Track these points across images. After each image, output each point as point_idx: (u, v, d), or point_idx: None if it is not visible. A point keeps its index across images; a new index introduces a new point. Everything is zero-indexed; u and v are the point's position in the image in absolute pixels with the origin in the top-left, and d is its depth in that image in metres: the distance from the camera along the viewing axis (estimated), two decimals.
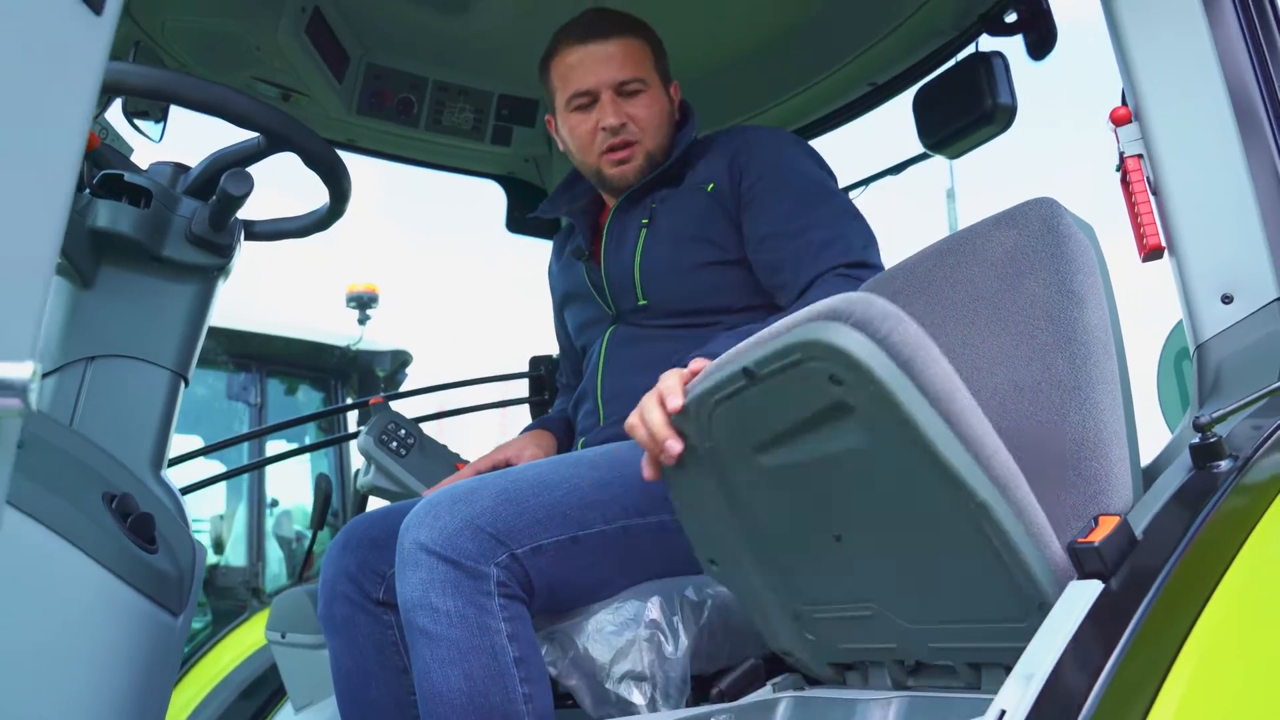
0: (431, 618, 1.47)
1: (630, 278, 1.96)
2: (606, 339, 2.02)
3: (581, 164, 2.06)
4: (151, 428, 1.54)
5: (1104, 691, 0.92)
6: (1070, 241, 1.27)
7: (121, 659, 1.34)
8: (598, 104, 1.96)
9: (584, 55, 1.97)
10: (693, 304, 1.92)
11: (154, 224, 1.50)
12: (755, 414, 1.22)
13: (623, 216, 2.03)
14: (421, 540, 1.50)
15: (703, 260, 1.91)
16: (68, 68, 0.78)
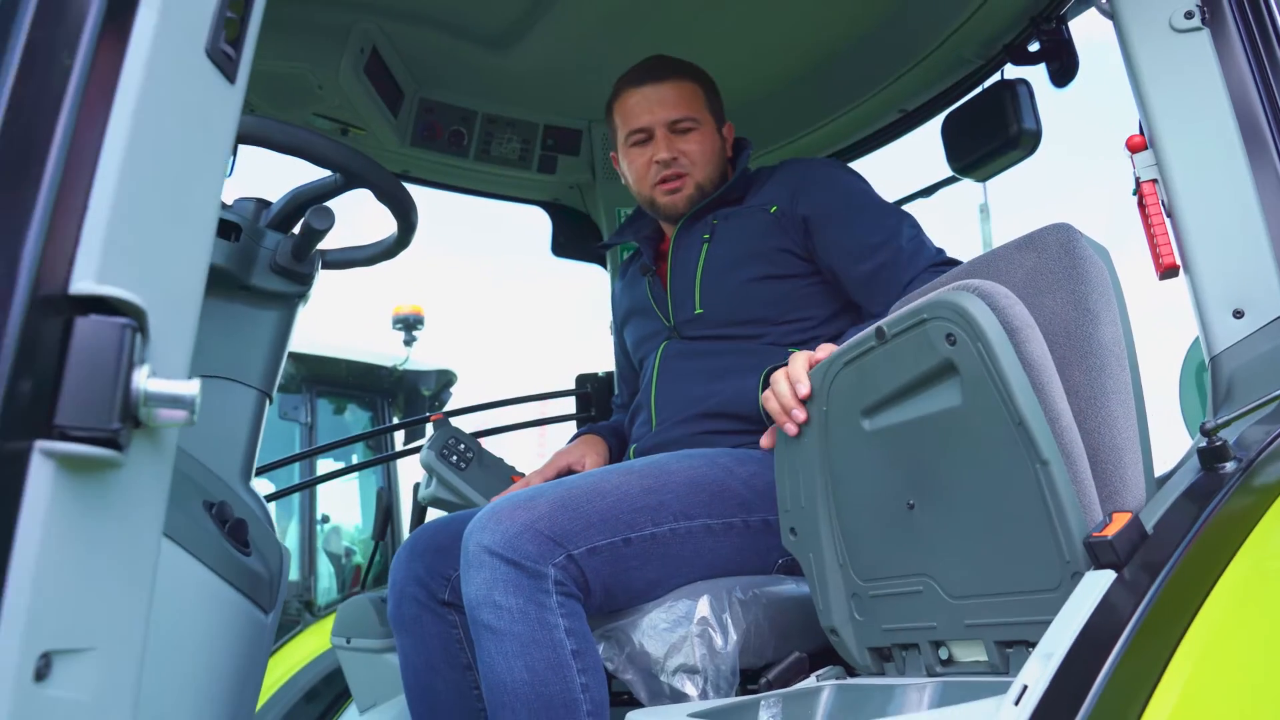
0: (495, 614, 1.58)
1: (692, 286, 2.12)
2: (661, 352, 2.16)
3: (638, 194, 2.24)
4: (241, 442, 1.67)
5: (1114, 669, 1.03)
6: (1086, 263, 1.38)
7: (224, 651, 1.47)
8: (652, 140, 2.17)
9: (641, 97, 2.18)
10: (743, 314, 2.07)
11: (242, 256, 1.64)
12: (873, 375, 1.43)
13: (685, 235, 2.20)
14: (485, 543, 1.61)
15: (757, 275, 2.07)
16: (209, 128, 0.92)
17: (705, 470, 1.81)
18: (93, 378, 0.75)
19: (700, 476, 1.79)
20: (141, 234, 0.81)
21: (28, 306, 0.72)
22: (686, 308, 2.13)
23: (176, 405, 0.79)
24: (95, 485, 0.76)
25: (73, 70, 0.78)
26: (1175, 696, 1.04)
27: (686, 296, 2.14)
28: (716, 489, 1.80)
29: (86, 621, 0.76)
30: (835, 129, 2.91)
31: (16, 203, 0.73)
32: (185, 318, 0.87)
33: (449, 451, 2.35)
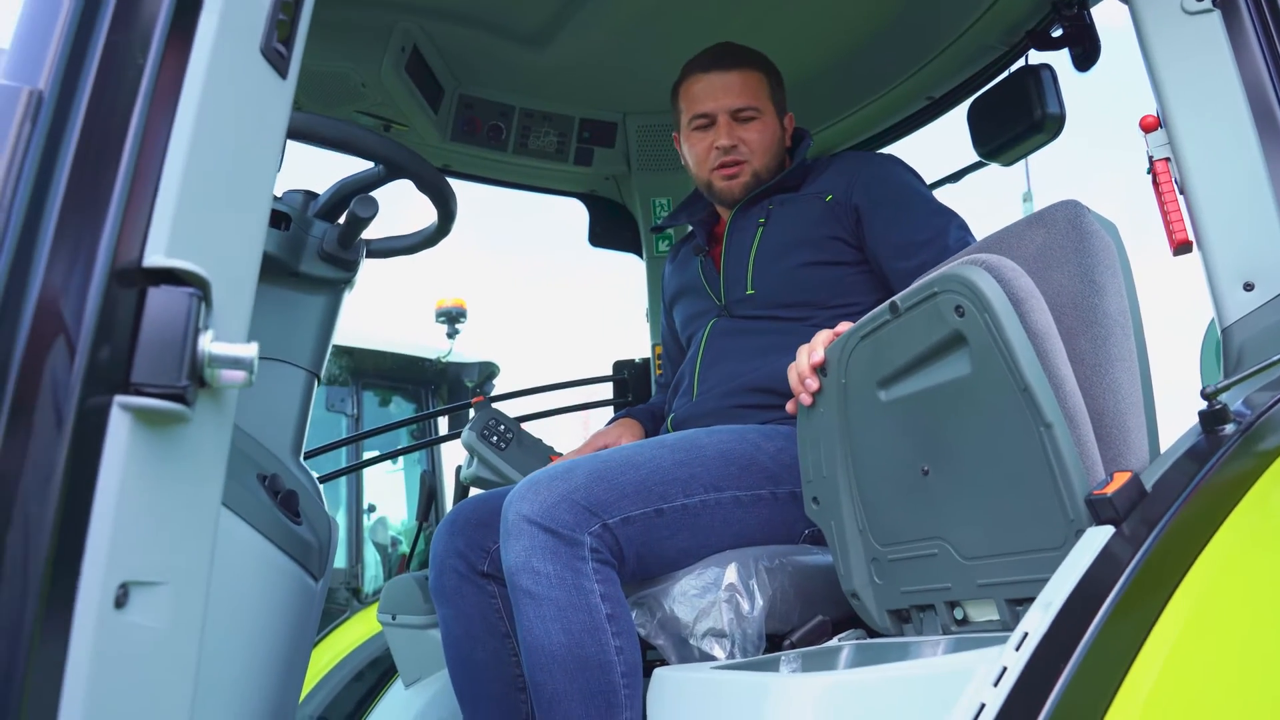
0: (534, 580, 1.66)
1: (745, 267, 2.19)
2: (709, 329, 2.23)
3: (697, 176, 2.32)
4: (292, 419, 1.77)
5: (1108, 617, 1.09)
6: (1093, 238, 1.44)
7: (277, 614, 1.57)
8: (715, 126, 2.23)
9: (707, 83, 2.25)
10: (792, 297, 2.14)
11: (292, 244, 1.73)
12: (887, 348, 1.50)
13: (741, 219, 2.27)
14: (524, 512, 1.69)
15: (808, 260, 2.14)
16: (264, 119, 1.01)
17: (735, 445, 1.88)
18: (164, 341, 0.84)
19: (730, 450, 1.87)
20: (205, 214, 0.90)
21: (107, 278, 0.81)
22: (739, 288, 2.20)
23: (237, 366, 0.88)
24: (166, 437, 0.86)
25: (145, 69, 0.87)
26: (1168, 645, 1.11)
27: (739, 277, 2.20)
28: (746, 462, 1.87)
29: (159, 558, 0.86)
30: (864, 117, 2.96)
31: (98, 187, 0.83)
32: (244, 288, 0.96)
33: (489, 432, 2.44)
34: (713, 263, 2.29)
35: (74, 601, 0.76)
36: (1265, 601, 1.17)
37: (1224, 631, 1.15)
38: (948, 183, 2.96)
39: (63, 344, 0.79)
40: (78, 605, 0.76)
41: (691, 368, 2.23)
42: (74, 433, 0.78)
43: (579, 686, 1.63)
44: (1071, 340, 1.40)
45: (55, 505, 0.75)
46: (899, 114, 2.93)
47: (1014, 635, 1.12)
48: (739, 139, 2.22)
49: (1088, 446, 1.28)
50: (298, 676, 1.66)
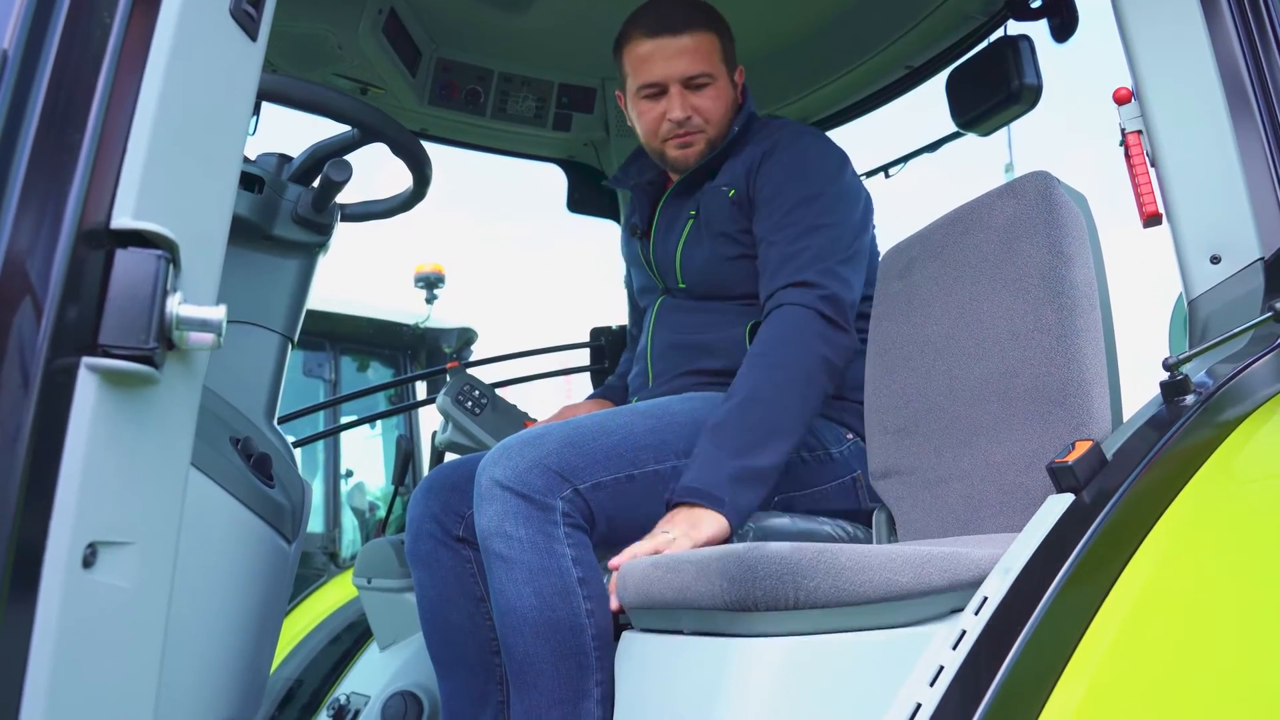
0: (506, 544, 1.67)
1: (673, 263, 2.18)
2: (657, 307, 2.24)
3: (647, 145, 2.21)
4: (265, 383, 1.78)
5: (1065, 581, 1.12)
6: (1062, 209, 1.45)
7: (249, 576, 1.58)
8: (666, 95, 2.10)
9: (655, 48, 2.08)
10: (723, 291, 2.13)
11: (265, 207, 1.73)
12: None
13: (674, 205, 2.21)
14: (497, 477, 1.70)
15: (732, 254, 2.10)
16: (233, 81, 1.00)
17: (704, 410, 1.88)
18: (131, 302, 0.84)
19: (700, 415, 1.87)
20: (173, 176, 0.90)
21: (74, 240, 0.82)
22: (671, 279, 2.21)
23: (205, 328, 0.88)
24: (134, 398, 0.86)
25: (112, 29, 0.87)
26: (1124, 610, 1.13)
27: (669, 270, 2.20)
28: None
29: (127, 518, 0.86)
30: (842, 86, 2.95)
31: (64, 149, 0.83)
32: (213, 251, 0.96)
33: (464, 398, 2.45)
34: (648, 247, 2.27)
35: (42, 561, 0.77)
36: (1219, 568, 1.20)
37: (1179, 597, 1.17)
38: (925, 152, 2.97)
39: (29, 305, 0.79)
40: (45, 565, 0.77)
41: (645, 347, 2.24)
42: (41, 394, 0.78)
43: (550, 648, 1.64)
44: (1038, 310, 1.42)
45: (22, 466, 0.76)
46: (877, 83, 2.92)
47: (974, 599, 1.15)
48: (693, 108, 2.09)
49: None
50: (270, 638, 1.67)
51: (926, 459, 1.59)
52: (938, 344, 1.59)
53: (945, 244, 1.61)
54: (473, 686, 2.01)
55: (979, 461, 1.49)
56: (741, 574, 1.11)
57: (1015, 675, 1.08)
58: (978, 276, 1.53)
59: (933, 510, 1.57)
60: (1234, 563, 1.24)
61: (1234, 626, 1.18)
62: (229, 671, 1.55)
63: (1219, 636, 1.17)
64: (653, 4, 2.15)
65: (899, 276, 1.72)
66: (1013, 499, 1.44)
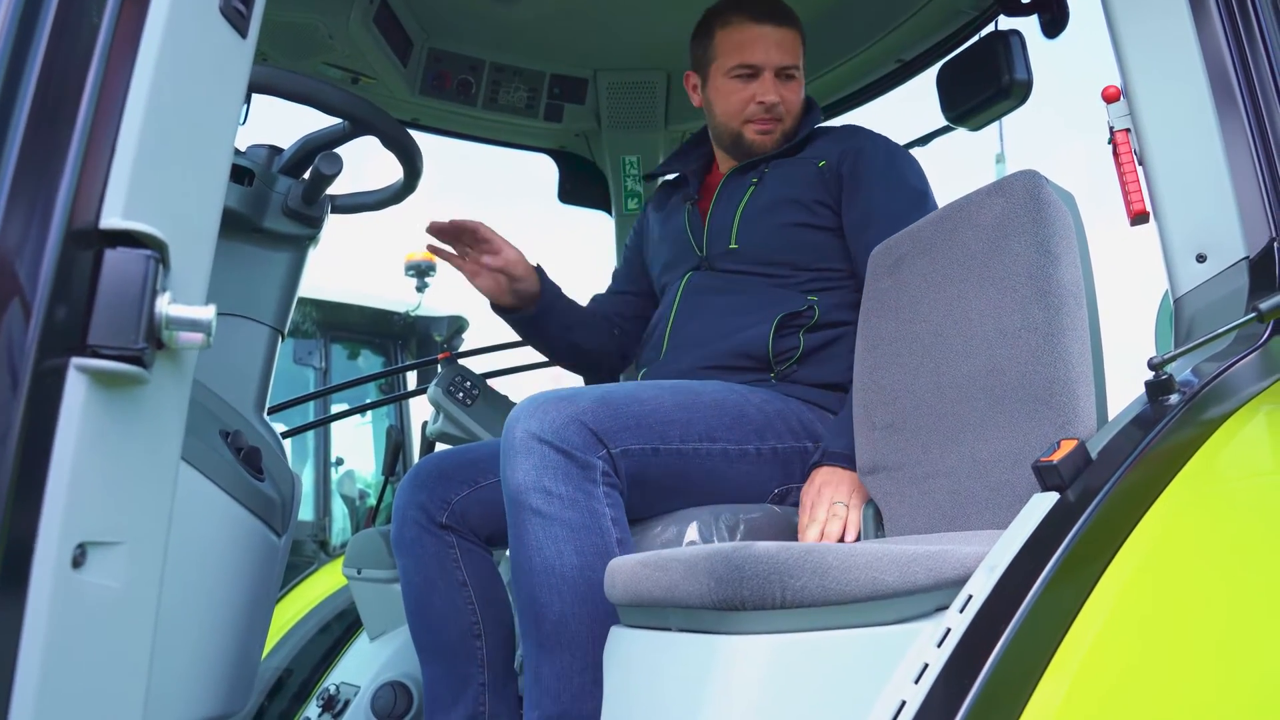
0: (545, 500, 1.63)
1: (731, 220, 2.19)
2: (685, 283, 2.22)
3: (724, 124, 2.26)
4: (255, 375, 1.78)
5: (1049, 579, 1.13)
6: (1050, 208, 1.46)
7: (239, 569, 1.58)
8: (758, 79, 2.19)
9: (759, 34, 2.19)
10: (776, 255, 2.13)
11: (256, 200, 1.72)
12: None
13: (737, 177, 2.26)
14: (533, 430, 1.66)
15: (795, 220, 2.14)
16: (223, 79, 1.00)
17: (726, 395, 1.90)
18: (120, 303, 0.84)
19: (722, 400, 1.89)
20: (163, 175, 0.90)
21: (63, 240, 0.82)
22: (722, 241, 2.19)
23: (195, 328, 0.89)
24: (123, 399, 0.86)
25: (100, 27, 0.86)
26: (1107, 607, 1.14)
27: (724, 229, 2.20)
28: (736, 413, 1.89)
29: (116, 518, 0.87)
30: (835, 78, 2.97)
31: (53, 148, 0.82)
32: (202, 250, 0.96)
33: (455, 389, 2.45)
34: (699, 214, 2.28)
35: (31, 562, 0.77)
36: (1201, 566, 1.21)
37: (1161, 595, 1.18)
38: (916, 145, 2.97)
39: (18, 306, 0.79)
40: (35, 566, 0.77)
41: (665, 319, 2.22)
42: (30, 394, 0.78)
43: (588, 610, 1.61)
44: (1025, 309, 1.43)
45: (11, 467, 0.76)
46: (869, 76, 2.94)
47: (959, 598, 1.16)
48: (781, 97, 2.20)
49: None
50: (260, 632, 1.68)
51: (914, 455, 1.60)
52: (926, 341, 1.60)
53: (934, 241, 1.62)
54: (454, 670, 2.03)
55: (966, 458, 1.50)
56: (729, 573, 1.12)
57: (999, 672, 1.09)
58: (966, 274, 1.54)
59: (920, 506, 1.58)
60: (1216, 561, 1.25)
61: (1216, 624, 1.19)
62: (218, 665, 1.55)
63: (1201, 634, 1.18)
64: None
65: (888, 273, 1.72)
66: (999, 495, 1.45)
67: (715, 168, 2.39)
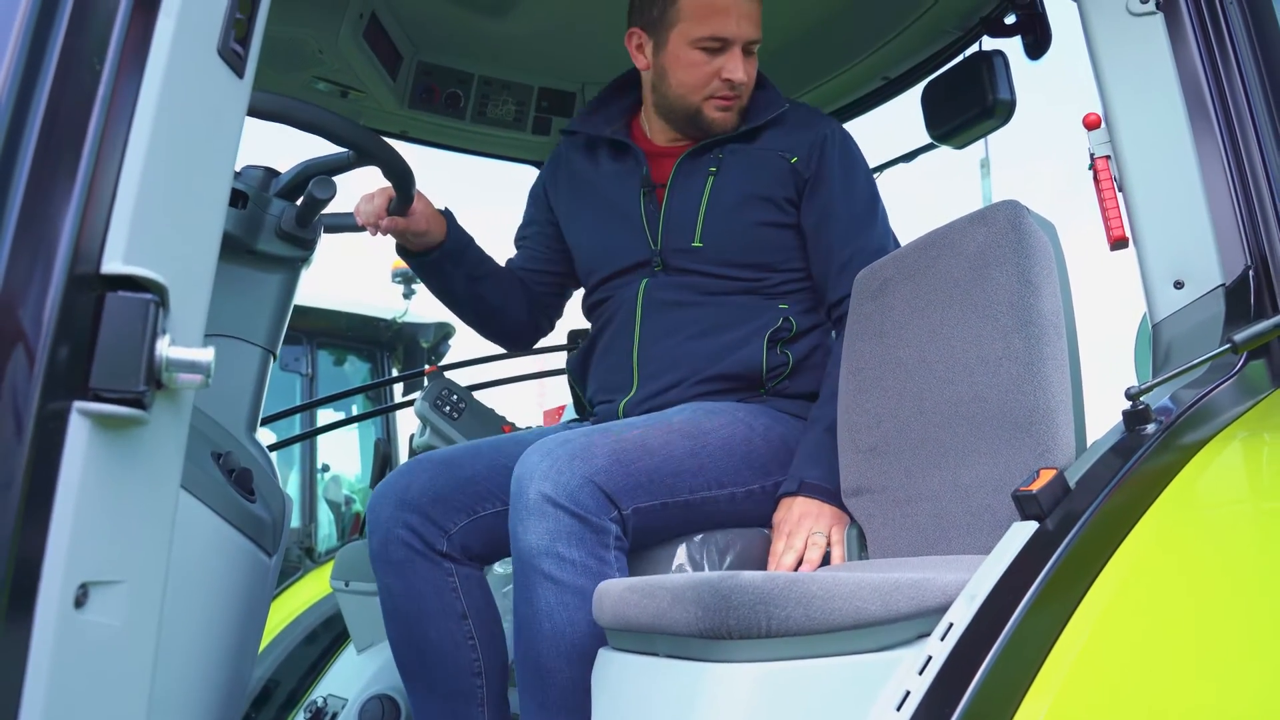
0: (558, 566, 1.59)
1: (694, 216, 2.04)
2: (643, 293, 2.07)
3: (676, 97, 2.08)
4: (246, 396, 1.79)
5: (1028, 608, 1.15)
6: (1031, 238, 1.49)
7: (230, 590, 1.60)
8: (726, 53, 2.01)
9: (734, 3, 1.99)
10: (745, 256, 2.04)
11: (249, 222, 1.74)
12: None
13: (692, 159, 2.10)
14: (546, 492, 1.61)
15: (765, 219, 2.04)
16: (221, 120, 1.02)
17: (734, 431, 1.86)
18: (122, 346, 0.86)
19: (730, 438, 1.85)
20: (162, 219, 0.92)
21: (65, 285, 0.83)
22: (682, 238, 2.05)
23: (194, 370, 0.90)
24: (124, 440, 0.88)
25: (102, 74, 0.88)
26: (1085, 635, 1.17)
27: (685, 226, 2.05)
28: (745, 451, 1.85)
29: (117, 557, 0.88)
30: (820, 94, 2.99)
31: (56, 194, 0.84)
32: (201, 291, 0.98)
33: (442, 402, 2.47)
34: (655, 200, 2.10)
35: (34, 604, 0.78)
36: (1177, 592, 1.24)
37: (1138, 622, 1.21)
38: (901, 162, 3.01)
39: (21, 351, 0.81)
40: (38, 607, 0.78)
41: (627, 343, 2.07)
42: (33, 439, 0.80)
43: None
44: (1007, 337, 1.46)
45: (15, 510, 0.78)
46: (855, 93, 2.97)
47: (940, 626, 1.18)
48: (747, 73, 2.03)
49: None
50: (251, 651, 1.70)
51: (897, 478, 1.63)
52: (909, 366, 1.62)
53: (918, 268, 1.65)
54: (454, 711, 1.90)
55: (948, 483, 1.53)
56: (716, 603, 1.14)
57: (980, 699, 1.11)
58: (949, 302, 1.57)
59: (902, 529, 1.61)
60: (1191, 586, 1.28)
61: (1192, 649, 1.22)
62: (209, 684, 1.57)
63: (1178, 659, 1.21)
64: None
65: (873, 297, 1.75)
66: (980, 520, 1.48)
67: (643, 134, 2.22)
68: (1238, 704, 1.18)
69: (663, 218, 2.08)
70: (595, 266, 2.20)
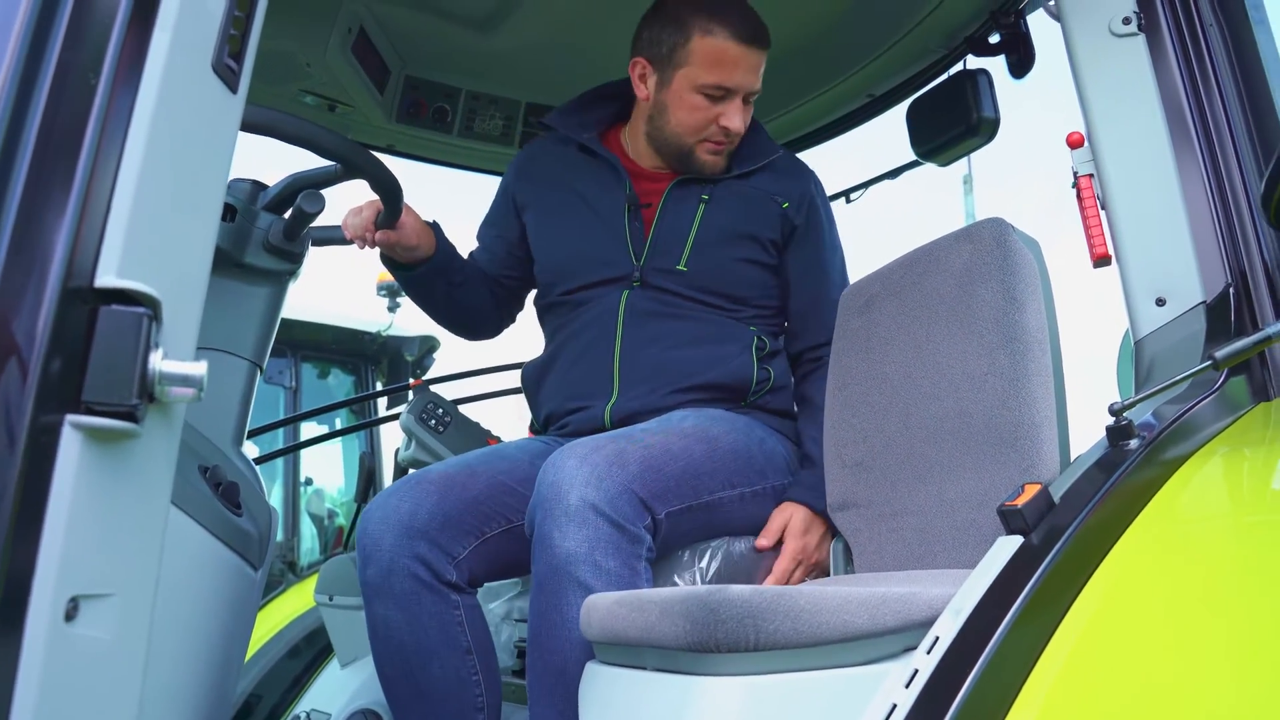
0: (595, 574, 1.58)
1: (683, 242, 2.10)
2: (625, 303, 2.09)
3: (672, 134, 2.13)
4: (233, 410, 1.79)
5: (1014, 621, 1.16)
6: (1015, 255, 1.50)
7: (217, 603, 1.60)
8: (727, 102, 2.08)
9: (744, 55, 2.05)
10: (725, 288, 2.10)
11: (238, 235, 1.74)
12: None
13: (684, 186, 2.16)
14: (589, 499, 1.60)
15: (749, 256, 2.13)
16: (214, 134, 1.03)
17: (735, 437, 1.91)
18: (114, 360, 0.86)
19: (734, 443, 1.90)
20: (156, 232, 0.92)
21: (59, 299, 0.83)
22: (667, 259, 2.09)
23: (186, 384, 0.91)
24: (116, 453, 0.88)
25: (97, 89, 0.89)
26: (1069, 648, 1.18)
27: (672, 250, 2.10)
28: (747, 455, 1.91)
29: (108, 571, 0.88)
30: (806, 111, 3.01)
31: (50, 207, 0.84)
32: (193, 305, 0.98)
33: (427, 416, 2.47)
34: (642, 220, 2.15)
35: (24, 617, 0.78)
36: (1159, 605, 1.25)
37: (1121, 634, 1.22)
38: (886, 179, 3.04)
39: (15, 364, 0.81)
40: (28, 620, 0.79)
41: (608, 349, 2.08)
42: (26, 452, 0.80)
43: None
44: (992, 354, 1.47)
45: (7, 523, 0.78)
46: (840, 110, 2.99)
47: (926, 639, 1.19)
48: (744, 121, 2.11)
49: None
50: (235, 664, 1.69)
51: (883, 493, 1.64)
52: (895, 382, 1.64)
53: (904, 284, 1.66)
54: None
55: (933, 497, 1.54)
56: (704, 616, 1.14)
57: (965, 713, 1.12)
58: (935, 318, 1.58)
59: (888, 543, 1.62)
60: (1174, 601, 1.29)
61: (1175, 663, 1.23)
62: (195, 697, 1.56)
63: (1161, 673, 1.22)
64: (740, 7, 2.11)
65: (859, 313, 1.77)
66: (965, 535, 1.49)
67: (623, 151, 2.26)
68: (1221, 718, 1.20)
69: (651, 238, 2.12)
70: (569, 272, 2.21)
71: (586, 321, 2.14)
